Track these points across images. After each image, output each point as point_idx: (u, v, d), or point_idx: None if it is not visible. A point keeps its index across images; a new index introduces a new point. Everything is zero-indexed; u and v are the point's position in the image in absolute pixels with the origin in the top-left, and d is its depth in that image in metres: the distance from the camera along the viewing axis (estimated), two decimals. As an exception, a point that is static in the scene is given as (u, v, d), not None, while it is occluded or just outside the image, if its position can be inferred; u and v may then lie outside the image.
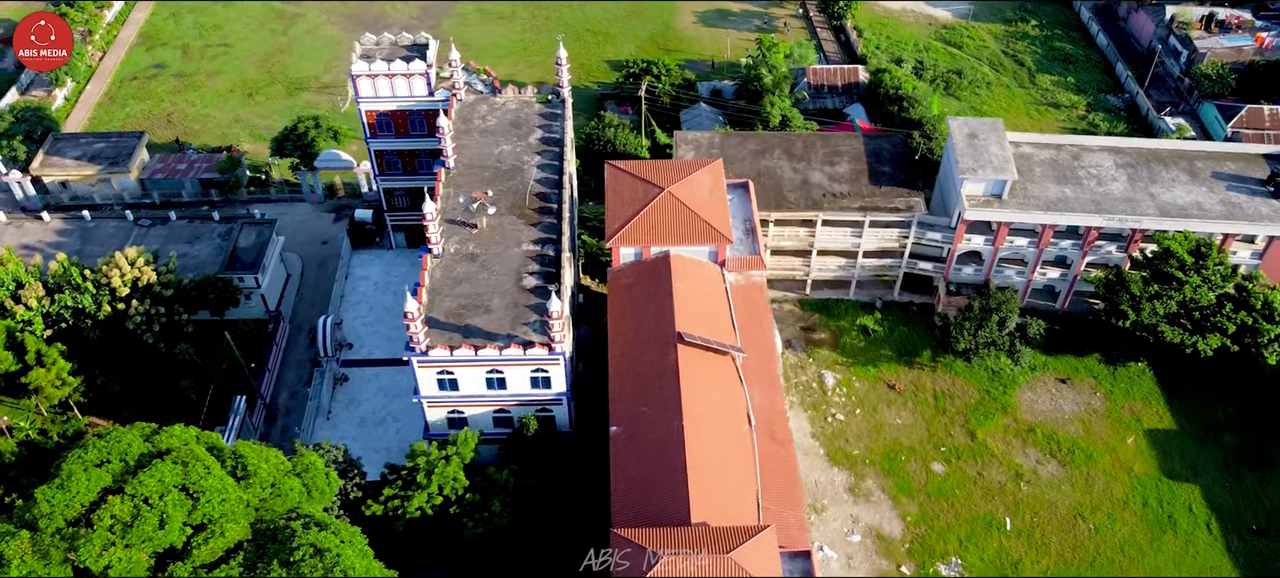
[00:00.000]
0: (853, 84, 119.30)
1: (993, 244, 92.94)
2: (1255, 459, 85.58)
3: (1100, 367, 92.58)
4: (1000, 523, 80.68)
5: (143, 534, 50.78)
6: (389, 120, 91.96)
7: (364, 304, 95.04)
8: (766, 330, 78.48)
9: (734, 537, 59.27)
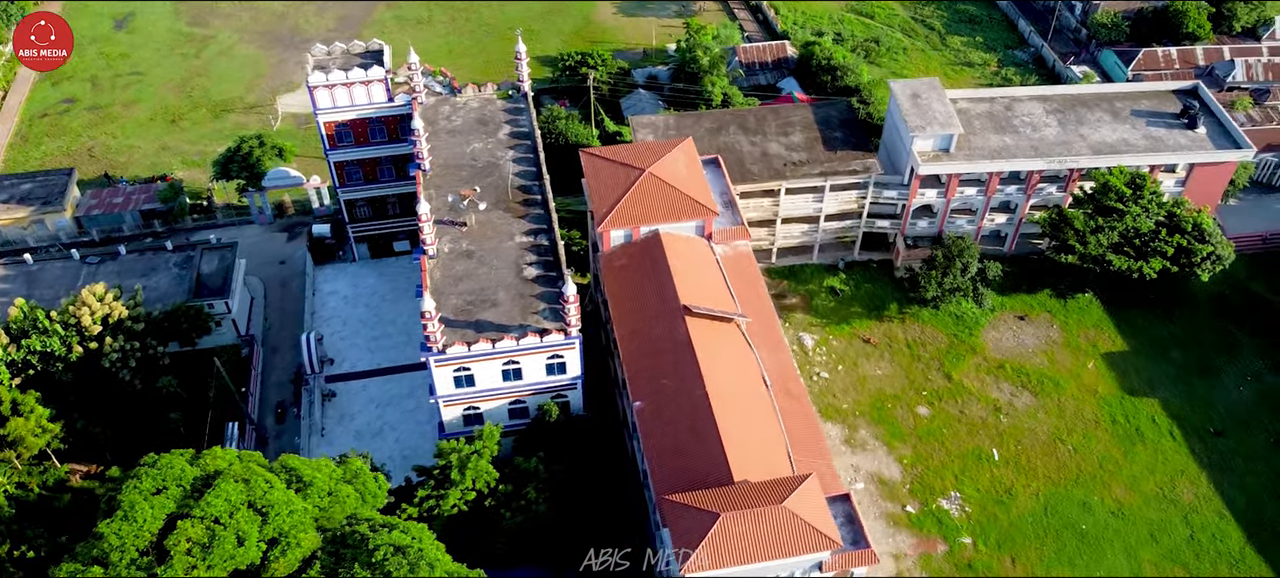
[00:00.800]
0: (783, 59, 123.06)
1: (944, 196, 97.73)
2: (1202, 369, 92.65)
3: (1052, 301, 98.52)
4: (988, 455, 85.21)
5: (223, 555, 49.64)
6: (348, 130, 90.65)
7: (336, 319, 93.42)
8: (762, 296, 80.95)
9: (782, 488, 61.46)
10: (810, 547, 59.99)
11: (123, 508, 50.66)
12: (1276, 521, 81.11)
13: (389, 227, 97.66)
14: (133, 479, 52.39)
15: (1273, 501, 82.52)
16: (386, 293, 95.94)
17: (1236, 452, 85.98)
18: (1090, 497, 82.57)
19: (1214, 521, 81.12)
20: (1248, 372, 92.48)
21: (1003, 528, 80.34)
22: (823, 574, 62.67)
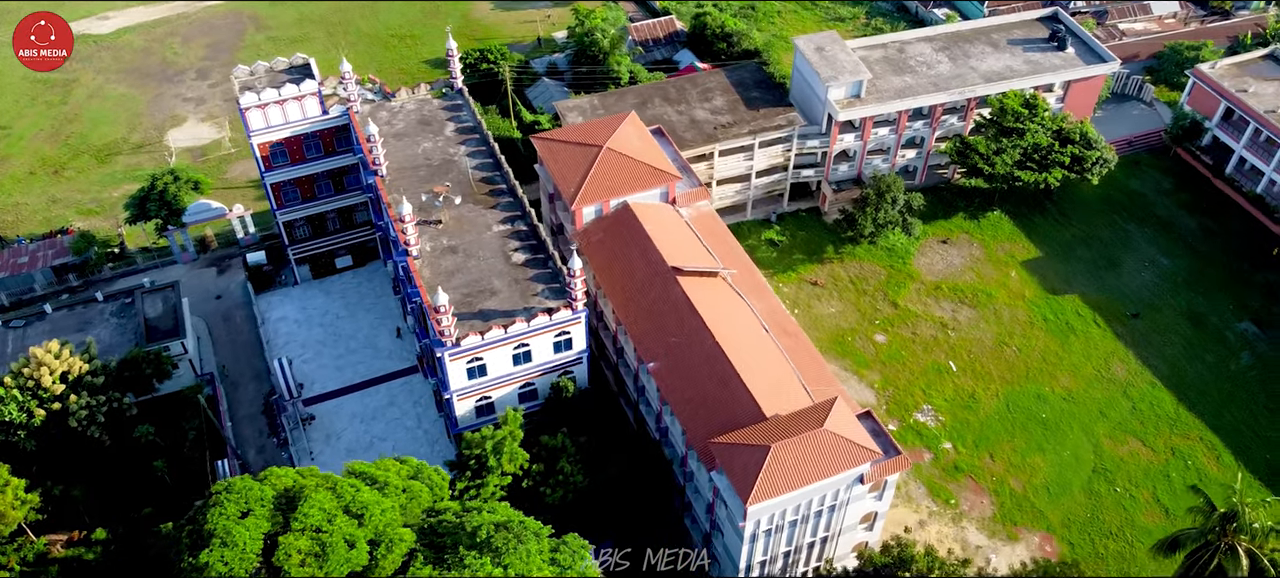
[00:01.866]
0: (674, 33, 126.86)
1: (861, 139, 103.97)
2: (1107, 263, 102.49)
3: (967, 222, 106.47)
4: (946, 367, 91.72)
5: (339, 560, 48.79)
6: (283, 149, 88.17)
7: (294, 343, 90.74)
8: (736, 248, 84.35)
9: (817, 413, 65.04)
10: (854, 462, 63.91)
11: (218, 535, 48.87)
12: (1197, 381, 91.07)
13: (330, 243, 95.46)
14: (215, 508, 50.51)
15: (1190, 364, 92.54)
16: (339, 311, 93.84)
17: (1152, 329, 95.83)
18: (1042, 389, 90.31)
19: (1148, 390, 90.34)
20: (1144, 259, 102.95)
21: (975, 430, 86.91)
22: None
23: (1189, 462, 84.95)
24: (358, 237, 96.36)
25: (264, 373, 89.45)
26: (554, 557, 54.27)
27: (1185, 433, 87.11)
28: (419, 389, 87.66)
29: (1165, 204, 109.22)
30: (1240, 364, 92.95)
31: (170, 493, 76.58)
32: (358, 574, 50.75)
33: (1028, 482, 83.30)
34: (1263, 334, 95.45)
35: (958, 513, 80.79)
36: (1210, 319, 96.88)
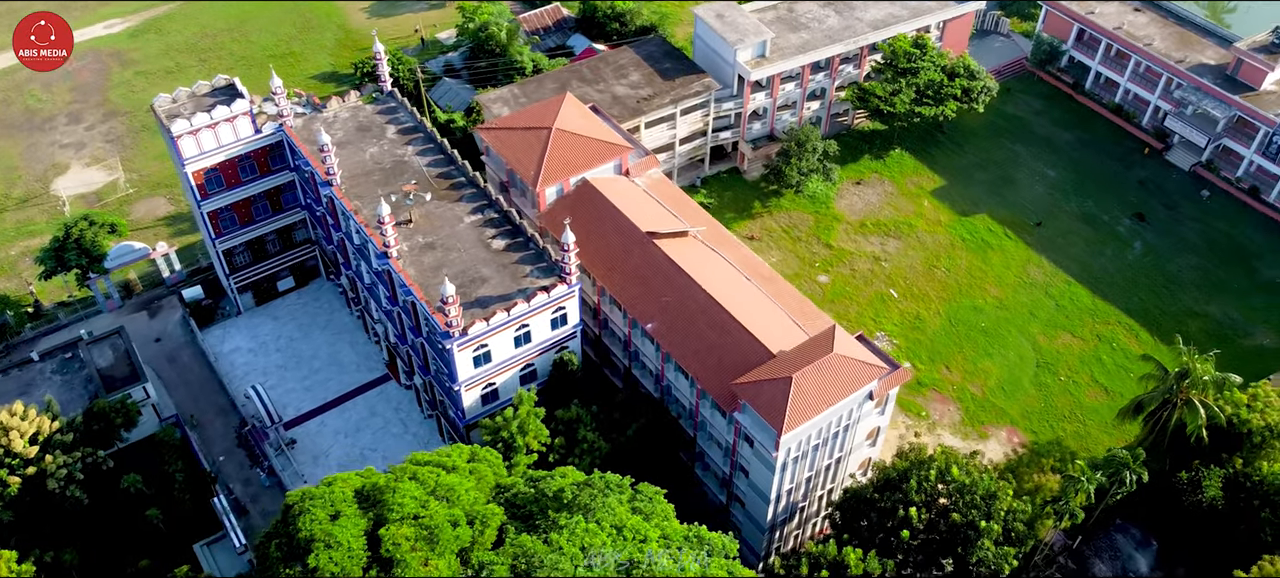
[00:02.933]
0: (562, 20, 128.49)
1: (771, 96, 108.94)
2: (1003, 182, 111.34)
3: (874, 162, 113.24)
4: (888, 295, 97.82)
5: (447, 540, 49.01)
6: (218, 174, 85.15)
7: (254, 371, 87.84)
8: (695, 208, 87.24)
9: (822, 342, 68.90)
10: (866, 378, 68.19)
11: (318, 539, 48.04)
12: (1103, 273, 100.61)
13: (272, 267, 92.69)
14: (303, 516, 49.50)
15: (1094, 260, 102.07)
16: (292, 333, 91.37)
17: (1055, 234, 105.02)
18: (976, 301, 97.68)
19: (1065, 288, 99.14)
20: (1034, 174, 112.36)
21: (927, 347, 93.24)
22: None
23: (1114, 344, 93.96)
24: (298, 256, 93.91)
25: (227, 408, 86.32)
26: (634, 506, 55.91)
27: (1105, 320, 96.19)
28: (396, 396, 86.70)
29: (1041, 123, 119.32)
30: (1135, 254, 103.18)
31: (164, 540, 73.32)
32: (464, 551, 50.92)
33: (984, 385, 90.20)
34: (1147, 225, 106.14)
35: (931, 423, 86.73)
36: (1101, 218, 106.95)
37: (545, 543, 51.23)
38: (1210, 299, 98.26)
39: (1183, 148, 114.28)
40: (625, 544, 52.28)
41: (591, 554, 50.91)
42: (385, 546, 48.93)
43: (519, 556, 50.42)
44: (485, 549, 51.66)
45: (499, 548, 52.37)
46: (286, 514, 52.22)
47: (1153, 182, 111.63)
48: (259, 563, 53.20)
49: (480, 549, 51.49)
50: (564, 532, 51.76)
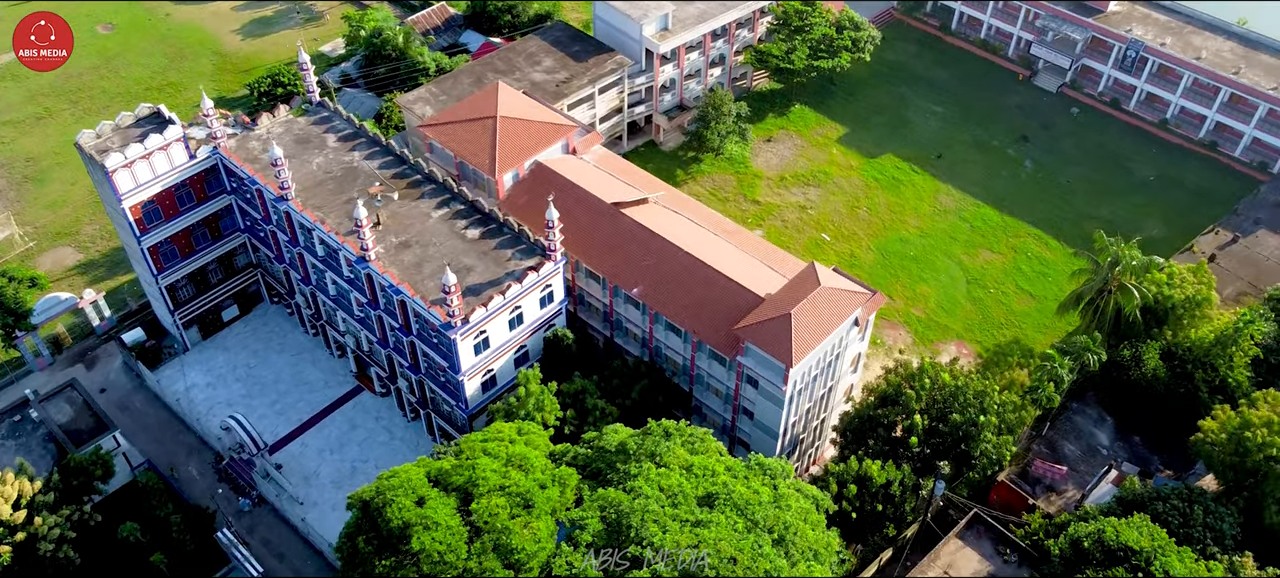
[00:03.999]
0: (450, 18, 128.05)
1: (678, 67, 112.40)
2: (898, 123, 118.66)
3: (778, 120, 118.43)
4: (821, 240, 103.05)
5: (542, 502, 49.82)
6: (156, 206, 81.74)
7: (219, 405, 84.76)
8: (648, 176, 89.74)
9: (806, 279, 72.89)
10: (853, 306, 72.61)
11: (414, 524, 48.22)
12: (1004, 192, 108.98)
13: (216, 297, 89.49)
14: (390, 506, 49.48)
15: (993, 182, 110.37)
16: (248, 361, 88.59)
17: (954, 163, 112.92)
18: (901, 234, 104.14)
19: (975, 210, 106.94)
20: (924, 112, 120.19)
21: (867, 280, 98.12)
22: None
23: (1028, 254, 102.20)
24: (241, 283, 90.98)
25: (197, 446, 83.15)
26: (691, 446, 58.14)
27: (1015, 234, 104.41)
28: (374, 405, 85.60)
29: (919, 66, 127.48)
30: (1026, 171, 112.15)
31: (175, 585, 70.62)
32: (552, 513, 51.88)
33: (925, 307, 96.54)
34: (1031, 144, 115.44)
35: (887, 347, 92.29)
36: (991, 144, 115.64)
37: (626, 492, 52.87)
38: (1099, 202, 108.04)
39: (1048, 72, 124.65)
40: (698, 481, 54.51)
41: (673, 494, 52.89)
42: (480, 518, 49.47)
43: (605, 507, 51.89)
44: (566, 510, 52.82)
45: (579, 506, 53.61)
46: (366, 510, 51.82)
47: (1028, 106, 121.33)
48: (347, 562, 52.51)
49: (561, 510, 52.60)
50: (639, 478, 53.53)
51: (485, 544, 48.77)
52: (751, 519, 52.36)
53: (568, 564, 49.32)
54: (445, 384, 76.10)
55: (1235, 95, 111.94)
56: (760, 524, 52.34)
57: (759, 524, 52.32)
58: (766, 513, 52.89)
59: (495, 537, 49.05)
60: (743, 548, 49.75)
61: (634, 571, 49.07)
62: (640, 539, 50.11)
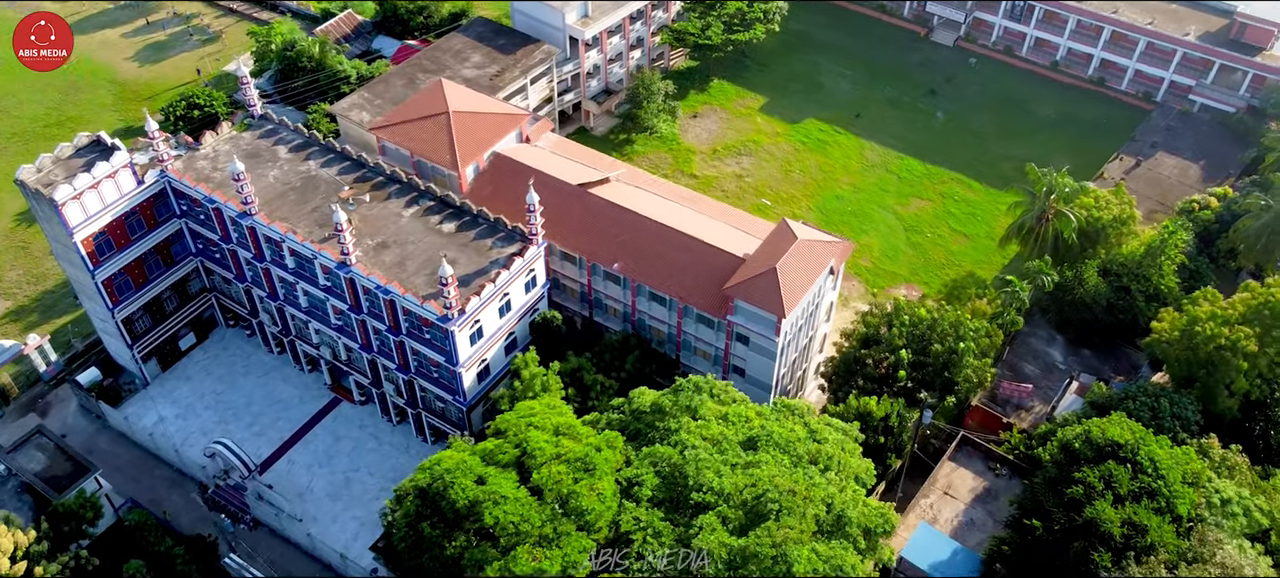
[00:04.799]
0: (358, 25, 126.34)
1: (602, 52, 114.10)
2: (813, 87, 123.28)
3: (700, 96, 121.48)
4: (763, 205, 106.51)
5: (603, 464, 51.19)
6: (108, 237, 78.83)
7: (196, 434, 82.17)
8: (600, 156, 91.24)
9: (782, 235, 75.96)
10: (829, 256, 76.18)
11: (482, 501, 48.82)
12: (923, 143, 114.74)
13: (172, 326, 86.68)
14: (452, 488, 49.91)
15: (912, 134, 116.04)
16: (215, 387, 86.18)
17: (873, 121, 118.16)
18: (836, 192, 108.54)
19: (900, 161, 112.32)
20: (837, 76, 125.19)
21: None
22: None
23: (955, 198, 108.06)
24: (196, 309, 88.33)
25: (176, 480, 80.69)
26: (719, 398, 60.21)
27: (939, 181, 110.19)
28: (355, 415, 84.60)
29: (824, 34, 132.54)
30: (939, 121, 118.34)
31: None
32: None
33: (872, 257, 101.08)
34: (939, 96, 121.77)
35: (844, 297, 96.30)
36: (903, 100, 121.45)
37: (671, 447, 54.64)
38: (1009, 144, 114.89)
39: (944, 27, 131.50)
40: (736, 428, 56.70)
41: (717, 442, 54.91)
42: (545, 486, 50.42)
43: (657, 462, 53.55)
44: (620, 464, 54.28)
45: (628, 467, 55.02)
46: (425, 497, 51.94)
47: (930, 61, 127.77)
48: (413, 546, 52.35)
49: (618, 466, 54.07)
50: (680, 432, 55.38)
51: (554, 511, 49.74)
52: (795, 455, 54.85)
53: (635, 520, 50.78)
54: (439, 380, 76.05)
55: (1116, 33, 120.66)
56: (804, 459, 54.88)
57: (803, 459, 54.84)
58: (808, 448, 55.49)
59: (564, 502, 50.07)
60: (797, 479, 52.15)
61: (701, 515, 50.91)
62: (700, 486, 51.96)
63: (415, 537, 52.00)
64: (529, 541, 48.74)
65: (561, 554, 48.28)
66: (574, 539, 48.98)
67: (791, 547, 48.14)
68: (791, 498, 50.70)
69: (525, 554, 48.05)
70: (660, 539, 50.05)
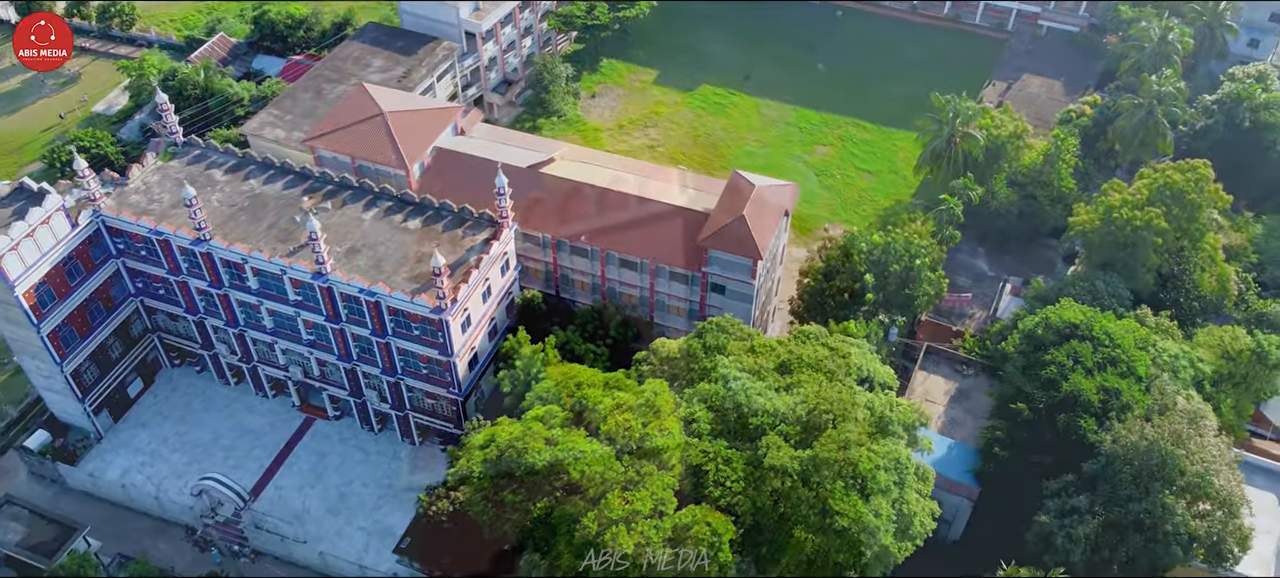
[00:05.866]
0: (233, 48, 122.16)
1: (497, 44, 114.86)
2: (701, 56, 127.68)
3: (593, 76, 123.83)
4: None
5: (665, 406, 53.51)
6: (48, 287, 74.66)
7: (169, 478, 78.81)
8: (538, 138, 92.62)
9: (740, 185, 79.67)
10: (784, 200, 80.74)
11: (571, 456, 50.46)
12: (813, 94, 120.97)
13: (120, 373, 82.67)
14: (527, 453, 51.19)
15: (802, 88, 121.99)
16: (177, 428, 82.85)
17: (763, 79, 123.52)
18: (745, 148, 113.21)
19: (797, 114, 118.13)
20: (720, 42, 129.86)
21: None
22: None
23: (853, 140, 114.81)
24: (142, 352, 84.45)
25: (157, 528, 77.40)
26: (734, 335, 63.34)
27: (835, 126, 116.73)
28: (331, 430, 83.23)
29: (699, 7, 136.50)
30: (822, 72, 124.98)
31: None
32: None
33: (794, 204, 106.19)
34: (816, 50, 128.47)
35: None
36: (784, 56, 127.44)
37: (711, 382, 57.46)
38: (889, 84, 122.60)
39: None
40: (766, 356, 60.01)
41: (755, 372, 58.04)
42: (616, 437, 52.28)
43: (707, 399, 56.25)
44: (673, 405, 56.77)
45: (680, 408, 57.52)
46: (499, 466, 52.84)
47: (800, 19, 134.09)
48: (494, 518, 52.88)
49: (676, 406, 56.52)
50: (716, 369, 58.28)
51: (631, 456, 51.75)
52: (828, 371, 58.61)
53: (702, 453, 53.29)
54: (430, 376, 75.90)
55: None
56: (836, 372, 58.69)
57: (835, 373, 58.65)
58: (837, 363, 59.35)
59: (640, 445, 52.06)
60: (840, 391, 55.93)
61: (762, 438, 53.94)
62: (754, 411, 54.95)
63: (494, 508, 52.75)
64: (616, 487, 50.49)
65: (648, 494, 50.29)
66: (657, 478, 51.06)
67: (854, 449, 51.81)
68: (842, 406, 54.41)
69: (616, 500, 49.82)
70: (731, 466, 52.77)
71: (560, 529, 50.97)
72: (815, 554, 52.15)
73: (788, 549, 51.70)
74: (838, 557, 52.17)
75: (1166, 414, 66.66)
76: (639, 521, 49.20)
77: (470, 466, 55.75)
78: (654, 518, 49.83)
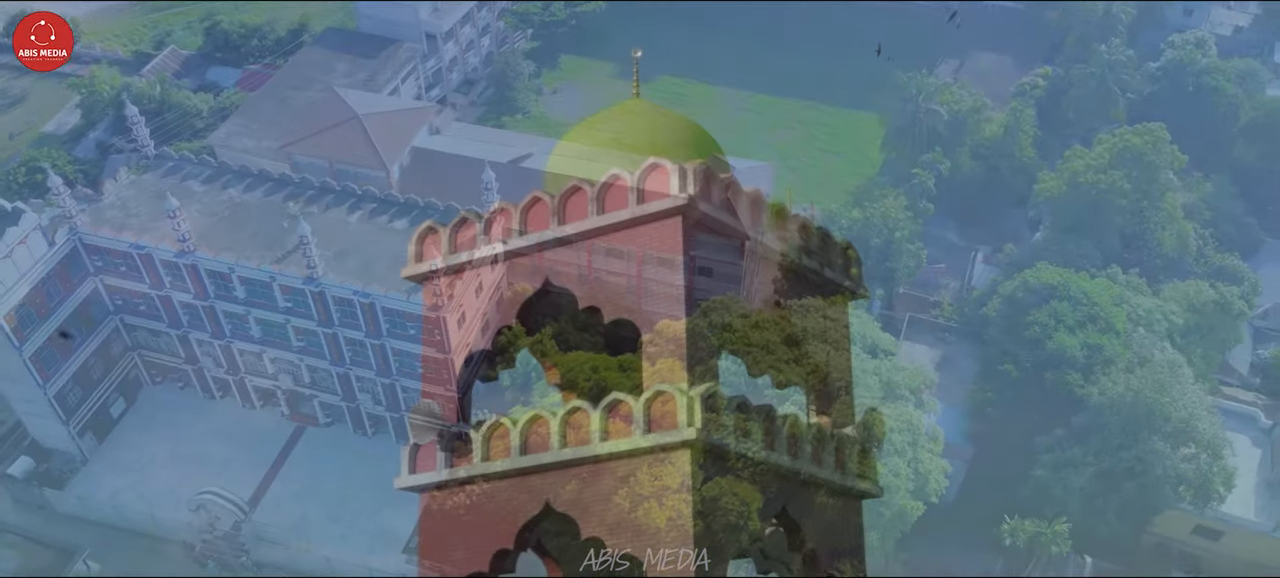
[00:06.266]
0: (185, 60, 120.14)
1: (458, 44, 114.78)
2: (655, 50, 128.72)
3: (551, 73, 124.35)
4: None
5: (697, 380, 54.30)
6: (30, 309, 73.30)
7: (163, 495, 77.52)
8: (512, 134, 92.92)
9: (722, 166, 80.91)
10: (761, 177, 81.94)
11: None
12: (774, 78, 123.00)
13: (104, 392, 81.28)
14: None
15: (758, 76, 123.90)
16: (166, 445, 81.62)
17: (718, 69, 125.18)
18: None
19: (756, 100, 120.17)
20: (676, 34, 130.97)
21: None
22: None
23: (815, 122, 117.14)
24: (123, 371, 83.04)
25: (152, 547, 76.33)
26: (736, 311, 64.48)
27: (794, 110, 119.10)
28: (325, 436, 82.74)
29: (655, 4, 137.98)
30: (772, 58, 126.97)
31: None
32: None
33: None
34: (765, 35, 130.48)
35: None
36: (741, 44, 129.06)
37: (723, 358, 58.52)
38: (842, 66, 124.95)
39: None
40: (769, 330, 61.27)
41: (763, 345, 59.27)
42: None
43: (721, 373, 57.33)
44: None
45: (693, 388, 58.44)
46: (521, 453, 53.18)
47: (753, 5, 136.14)
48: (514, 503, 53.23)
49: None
50: (724, 346, 59.33)
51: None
52: (834, 341, 60.03)
53: (721, 426, 54.32)
54: (426, 375, 75.83)
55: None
56: (841, 342, 60.17)
57: (840, 343, 60.13)
58: (841, 333, 60.83)
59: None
60: (849, 361, 57.36)
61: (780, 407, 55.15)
62: (768, 383, 56.13)
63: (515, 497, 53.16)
64: (644, 463, 51.25)
65: (675, 468, 51.07)
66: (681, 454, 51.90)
67: (870, 413, 53.32)
68: (852, 373, 55.86)
69: (645, 475, 50.53)
70: (751, 438, 53.81)
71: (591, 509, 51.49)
72: (837, 517, 53.52)
73: (810, 515, 52.96)
74: (859, 518, 53.63)
75: (1147, 365, 69.56)
76: (669, 495, 50.01)
77: (486, 456, 55.99)
78: (683, 492, 50.69)
